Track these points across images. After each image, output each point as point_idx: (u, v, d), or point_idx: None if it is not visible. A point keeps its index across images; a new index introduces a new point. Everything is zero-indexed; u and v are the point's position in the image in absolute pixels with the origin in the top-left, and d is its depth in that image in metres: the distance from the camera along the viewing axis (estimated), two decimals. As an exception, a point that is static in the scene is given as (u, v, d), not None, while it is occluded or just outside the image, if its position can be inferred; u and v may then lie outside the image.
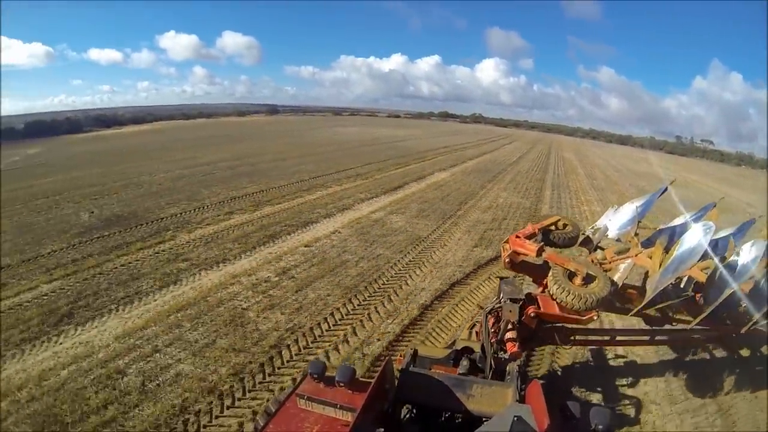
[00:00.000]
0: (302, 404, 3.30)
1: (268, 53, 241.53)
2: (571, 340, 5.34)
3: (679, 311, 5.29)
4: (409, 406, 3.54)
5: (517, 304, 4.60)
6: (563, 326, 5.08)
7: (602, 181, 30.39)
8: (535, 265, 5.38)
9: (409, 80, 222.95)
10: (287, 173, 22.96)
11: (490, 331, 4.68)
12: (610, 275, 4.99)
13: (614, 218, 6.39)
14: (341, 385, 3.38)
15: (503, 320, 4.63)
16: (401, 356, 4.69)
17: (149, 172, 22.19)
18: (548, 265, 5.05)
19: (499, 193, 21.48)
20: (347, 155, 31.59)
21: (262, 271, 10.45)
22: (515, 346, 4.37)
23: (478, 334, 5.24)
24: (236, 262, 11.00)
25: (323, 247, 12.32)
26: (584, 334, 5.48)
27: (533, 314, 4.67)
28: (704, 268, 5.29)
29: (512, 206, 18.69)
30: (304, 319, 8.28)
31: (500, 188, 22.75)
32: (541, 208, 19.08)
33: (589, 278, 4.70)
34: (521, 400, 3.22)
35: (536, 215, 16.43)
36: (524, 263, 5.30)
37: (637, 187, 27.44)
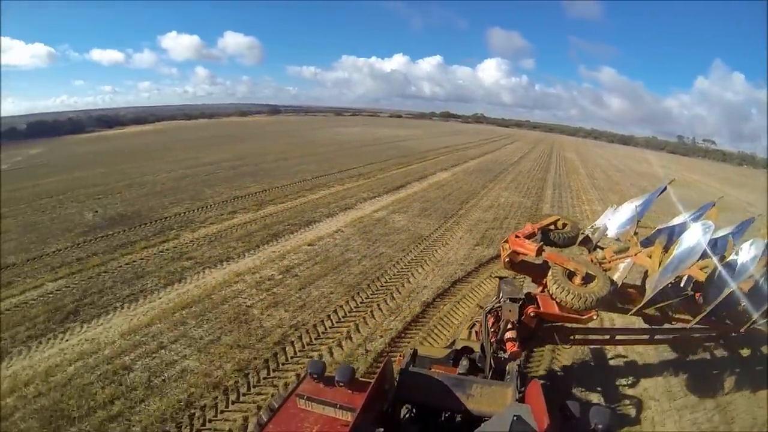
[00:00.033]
0: (302, 404, 3.31)
1: (269, 53, 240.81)
2: (570, 339, 5.35)
3: (678, 310, 5.31)
4: (408, 405, 3.53)
5: (516, 303, 4.61)
6: (563, 326, 5.10)
7: (603, 180, 30.35)
8: (534, 264, 5.39)
9: (410, 80, 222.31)
10: (289, 173, 23.02)
11: (489, 330, 4.68)
12: (609, 275, 5.01)
13: (613, 218, 6.40)
14: (341, 385, 3.40)
15: (503, 320, 4.64)
16: (401, 356, 4.67)
17: (152, 172, 22.29)
18: (548, 264, 5.05)
19: (500, 192, 21.50)
20: (349, 155, 31.61)
21: (265, 269, 10.54)
22: (515, 345, 4.38)
23: (477, 333, 5.25)
24: (240, 260, 11.09)
25: (326, 245, 12.41)
26: (584, 333, 5.49)
27: (533, 314, 4.69)
28: (703, 267, 5.30)
29: (513, 205, 18.71)
30: (307, 316, 8.37)
31: (501, 188, 22.76)
32: (542, 207, 19.08)
33: (588, 278, 4.71)
34: (521, 399, 3.21)
35: (537, 214, 16.50)
36: (524, 263, 5.31)
37: (638, 186, 27.39)
